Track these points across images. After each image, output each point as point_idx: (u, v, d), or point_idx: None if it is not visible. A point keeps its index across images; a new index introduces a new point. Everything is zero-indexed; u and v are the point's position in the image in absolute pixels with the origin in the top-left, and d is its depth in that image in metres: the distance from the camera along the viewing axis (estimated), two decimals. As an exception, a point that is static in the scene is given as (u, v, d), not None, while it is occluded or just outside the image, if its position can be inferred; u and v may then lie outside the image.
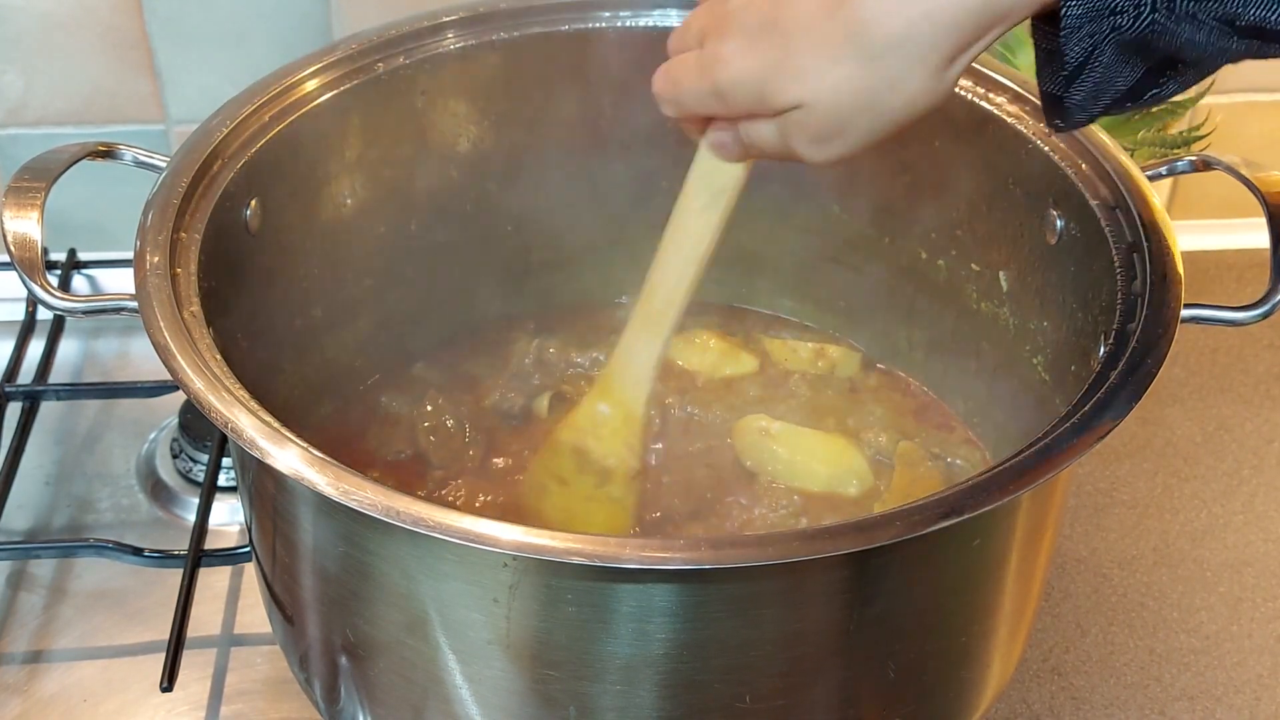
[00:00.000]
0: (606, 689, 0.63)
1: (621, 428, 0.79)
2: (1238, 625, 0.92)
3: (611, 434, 0.79)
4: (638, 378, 0.78)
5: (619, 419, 0.79)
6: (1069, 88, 0.59)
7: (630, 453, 0.79)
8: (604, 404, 0.79)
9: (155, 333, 0.65)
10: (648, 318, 0.76)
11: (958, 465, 0.89)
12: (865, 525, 0.59)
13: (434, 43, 0.87)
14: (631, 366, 0.78)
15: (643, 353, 0.77)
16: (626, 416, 0.78)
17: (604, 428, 0.79)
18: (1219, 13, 0.54)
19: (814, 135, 0.63)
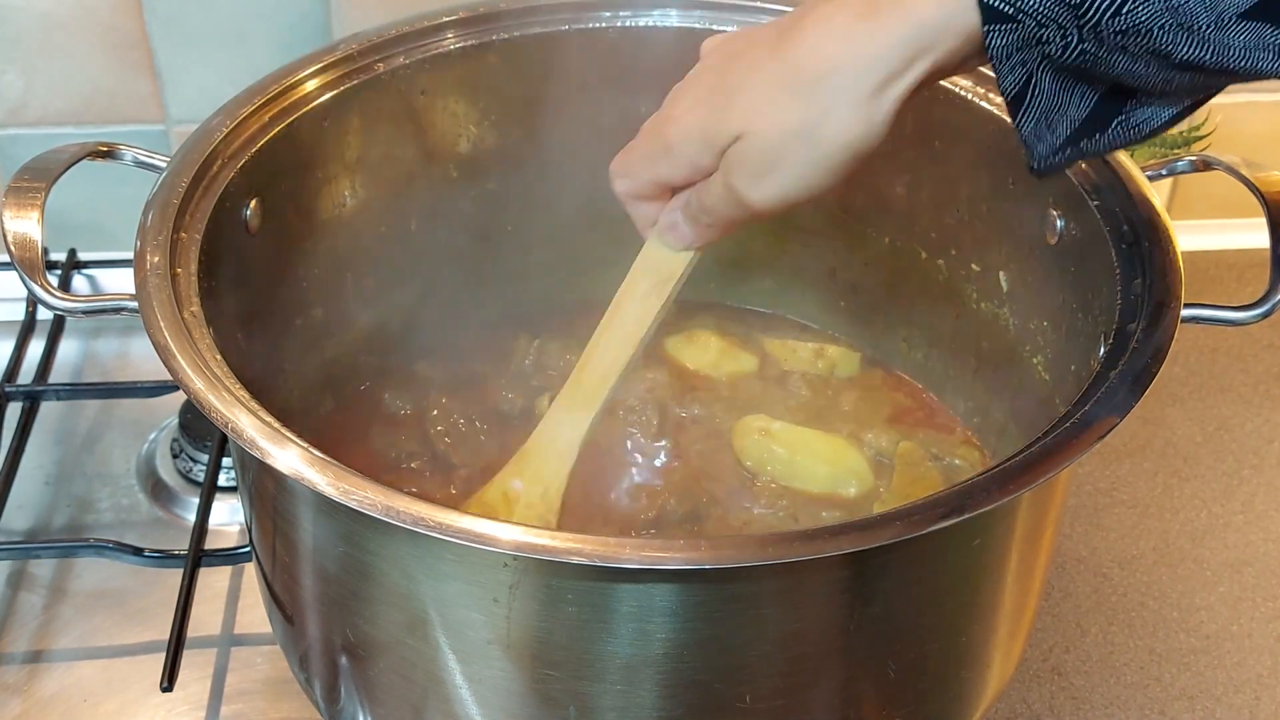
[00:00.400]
0: (607, 689, 0.63)
1: (537, 502, 0.76)
2: (1238, 625, 0.92)
3: (526, 509, 0.76)
4: (561, 455, 0.76)
5: (536, 494, 0.76)
6: (1016, 118, 0.60)
7: (552, 515, 0.77)
8: (520, 480, 0.77)
9: (155, 333, 0.65)
10: (577, 395, 0.76)
11: (957, 465, 0.89)
12: (865, 525, 0.59)
13: (434, 43, 0.87)
14: (556, 443, 0.76)
15: (568, 430, 0.76)
16: (544, 492, 0.76)
17: (518, 503, 0.77)
18: (1148, 46, 0.54)
19: (754, 167, 0.65)
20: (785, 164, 0.64)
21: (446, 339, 0.97)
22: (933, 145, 0.87)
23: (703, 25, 0.89)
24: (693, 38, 0.89)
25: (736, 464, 0.89)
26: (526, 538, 0.56)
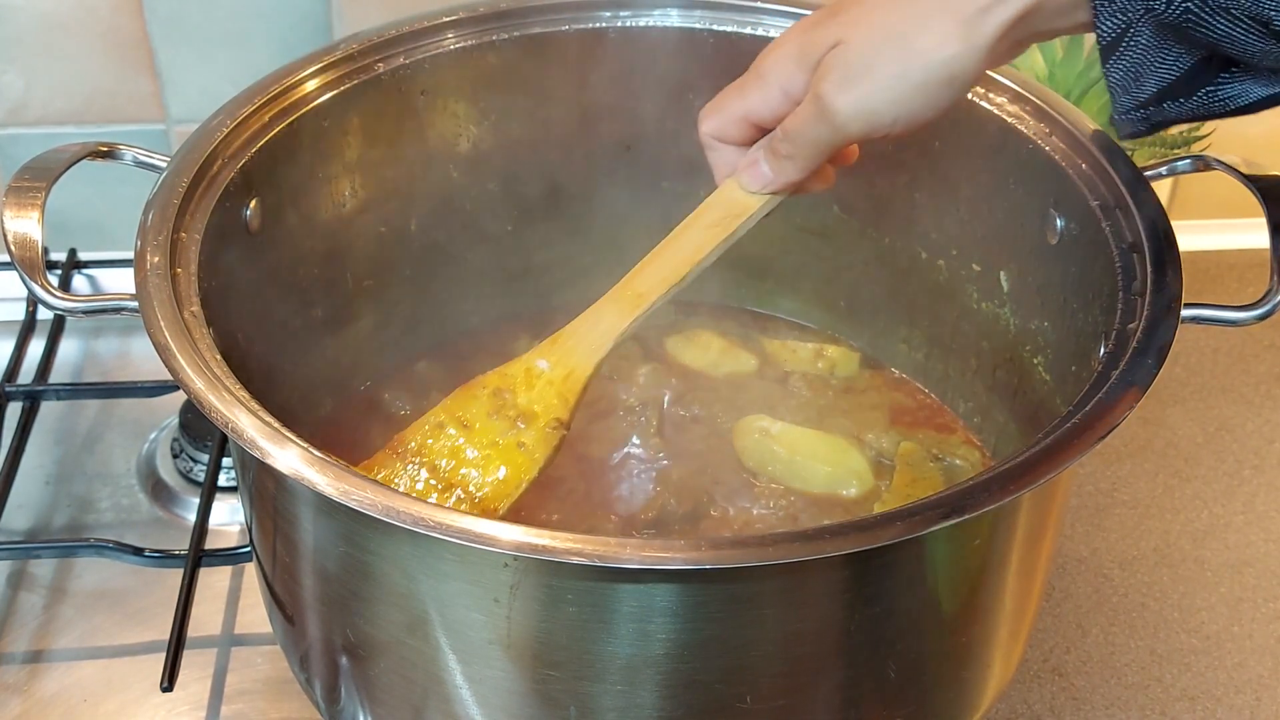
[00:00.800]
0: (607, 689, 0.63)
1: (559, 382, 0.76)
2: (1238, 626, 0.92)
3: (546, 385, 0.76)
4: (593, 345, 0.76)
5: (560, 375, 0.76)
6: (1106, 63, 0.59)
7: (562, 404, 0.76)
8: (546, 360, 0.77)
9: (155, 333, 0.65)
10: (621, 298, 0.76)
11: (958, 465, 0.89)
12: (865, 525, 0.58)
13: (434, 43, 0.87)
14: (591, 333, 0.76)
15: (606, 324, 0.76)
16: (569, 375, 0.76)
17: (539, 379, 0.77)
18: (1251, 10, 0.54)
19: (845, 70, 0.64)
20: (877, 70, 0.63)
21: (446, 339, 0.97)
22: (933, 145, 0.87)
23: (703, 25, 0.90)
24: (693, 38, 0.90)
25: (736, 464, 0.89)
26: (527, 538, 0.56)
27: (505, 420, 0.76)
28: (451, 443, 0.76)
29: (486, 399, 0.77)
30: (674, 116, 0.92)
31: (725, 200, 0.74)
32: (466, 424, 0.76)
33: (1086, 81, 1.05)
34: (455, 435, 0.76)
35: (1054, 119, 0.80)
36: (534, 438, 0.75)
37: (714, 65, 0.90)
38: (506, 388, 0.77)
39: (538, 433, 0.75)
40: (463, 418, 0.76)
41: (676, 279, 0.75)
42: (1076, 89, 1.06)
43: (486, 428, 0.76)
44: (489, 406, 0.76)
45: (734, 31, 0.89)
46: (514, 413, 0.76)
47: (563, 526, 0.80)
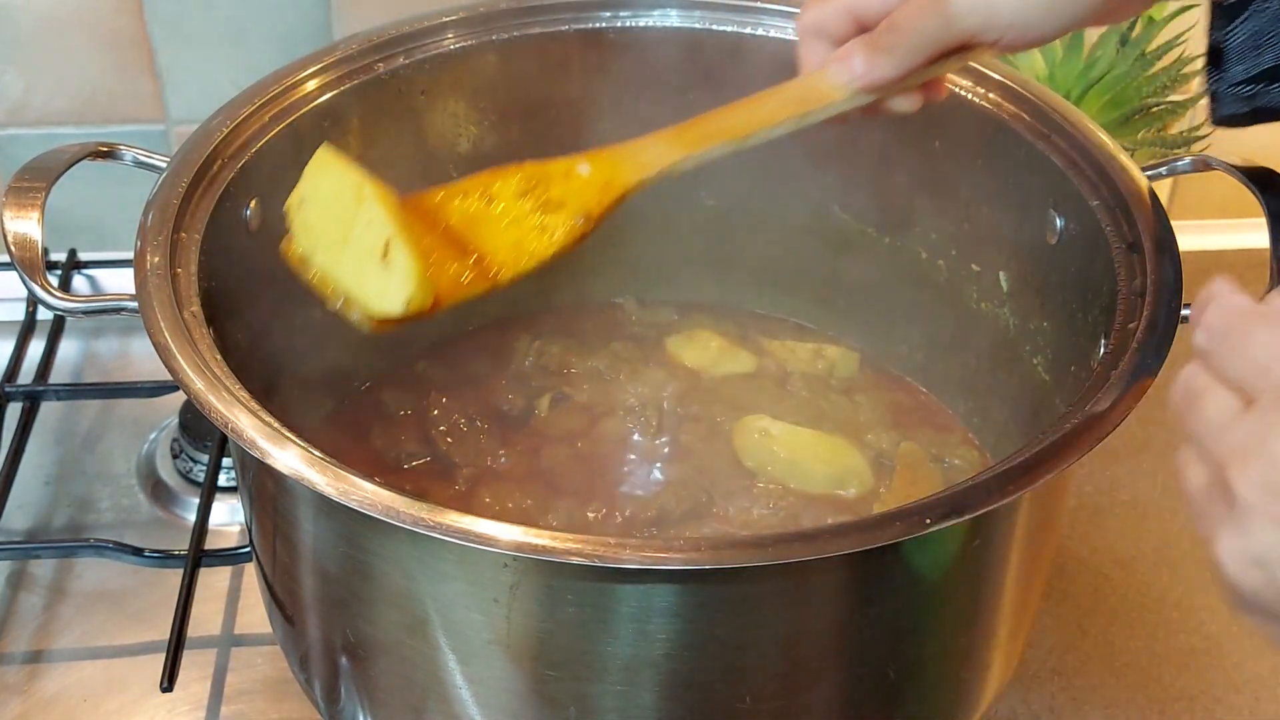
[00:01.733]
0: (607, 689, 0.63)
1: (596, 186, 0.73)
2: (1238, 625, 0.92)
3: (583, 185, 0.74)
4: (639, 164, 0.74)
5: (598, 180, 0.74)
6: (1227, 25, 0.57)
7: (596, 205, 0.73)
8: (588, 166, 0.74)
9: (155, 333, 0.65)
10: (680, 135, 0.74)
11: (957, 466, 0.89)
12: (865, 525, 0.59)
13: (434, 43, 0.87)
14: (640, 155, 0.74)
15: (657, 152, 0.74)
16: (607, 183, 0.73)
17: (576, 179, 0.74)
18: None
19: None
20: None
21: (446, 339, 0.97)
22: (933, 145, 0.87)
23: (703, 25, 0.90)
24: (693, 38, 0.90)
25: (736, 464, 0.89)
26: (526, 538, 0.56)
27: (532, 201, 0.74)
28: (471, 208, 0.73)
29: (518, 180, 0.74)
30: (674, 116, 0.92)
31: (806, 86, 0.72)
32: (491, 197, 0.74)
33: (1086, 81, 1.05)
34: (477, 202, 0.74)
35: (1054, 119, 0.80)
36: (556, 223, 0.73)
37: (714, 65, 0.90)
38: (541, 177, 0.75)
39: (561, 219, 0.73)
40: (490, 191, 0.74)
41: (739, 135, 0.72)
42: (1076, 89, 1.06)
43: (510, 205, 0.74)
44: (519, 188, 0.74)
45: (734, 31, 0.89)
46: (543, 198, 0.74)
47: (562, 527, 0.80)
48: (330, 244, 0.70)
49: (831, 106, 0.71)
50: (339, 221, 0.69)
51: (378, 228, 0.68)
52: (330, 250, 0.70)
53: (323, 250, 0.70)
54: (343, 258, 0.69)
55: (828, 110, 0.71)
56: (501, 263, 0.71)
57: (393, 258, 0.68)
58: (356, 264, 0.69)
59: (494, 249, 0.72)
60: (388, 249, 0.68)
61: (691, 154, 0.73)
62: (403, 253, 0.67)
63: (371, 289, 0.68)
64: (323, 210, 0.70)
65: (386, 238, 0.68)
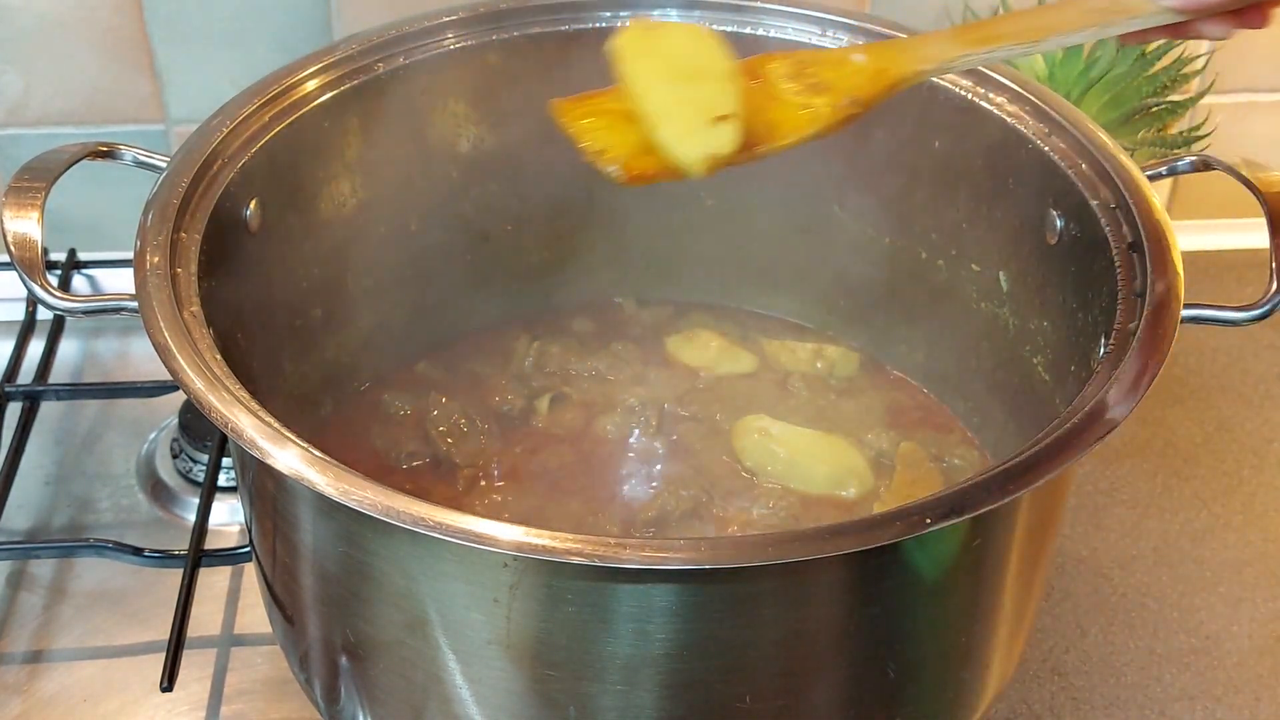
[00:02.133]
0: (607, 689, 0.63)
1: (870, 72, 0.71)
2: (1238, 625, 0.92)
3: (855, 70, 0.72)
4: (919, 56, 0.72)
5: (872, 69, 0.72)
6: None
7: (867, 89, 0.71)
8: (864, 55, 0.73)
9: (155, 333, 0.65)
10: (967, 33, 0.72)
11: (957, 465, 0.89)
12: (865, 525, 0.59)
13: (434, 43, 0.87)
14: (921, 47, 0.72)
15: (940, 46, 0.72)
16: (882, 70, 0.71)
17: (850, 65, 0.72)
18: None
19: None
20: None
21: (446, 339, 0.97)
22: (932, 145, 0.87)
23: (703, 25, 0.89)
24: (693, 38, 0.89)
25: (736, 464, 0.89)
26: (526, 538, 0.56)
27: (800, 83, 0.72)
28: (745, 87, 0.72)
29: (788, 63, 0.73)
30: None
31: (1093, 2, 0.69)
32: (756, 74, 0.73)
33: (1086, 81, 1.05)
34: (745, 83, 0.72)
35: (1054, 119, 0.80)
36: (823, 102, 0.71)
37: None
38: (812, 61, 0.73)
39: (829, 99, 0.71)
40: (755, 69, 0.73)
41: (1032, 38, 0.70)
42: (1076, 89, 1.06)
43: (775, 85, 0.72)
44: (788, 70, 0.73)
45: (734, 31, 0.89)
46: (813, 80, 0.72)
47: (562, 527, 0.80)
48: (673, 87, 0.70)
49: (1137, 19, 0.67)
50: (687, 72, 0.70)
51: (728, 101, 0.69)
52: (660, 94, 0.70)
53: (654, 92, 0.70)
54: (679, 102, 0.70)
55: (1131, 23, 0.68)
56: (760, 136, 0.70)
57: (722, 129, 0.69)
58: (690, 111, 0.69)
59: (756, 123, 0.70)
60: (723, 120, 0.69)
61: (975, 51, 0.71)
62: (733, 132, 0.69)
63: (680, 137, 0.69)
64: (679, 60, 0.71)
65: (732, 112, 0.69)
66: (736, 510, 0.86)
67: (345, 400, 0.93)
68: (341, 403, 0.92)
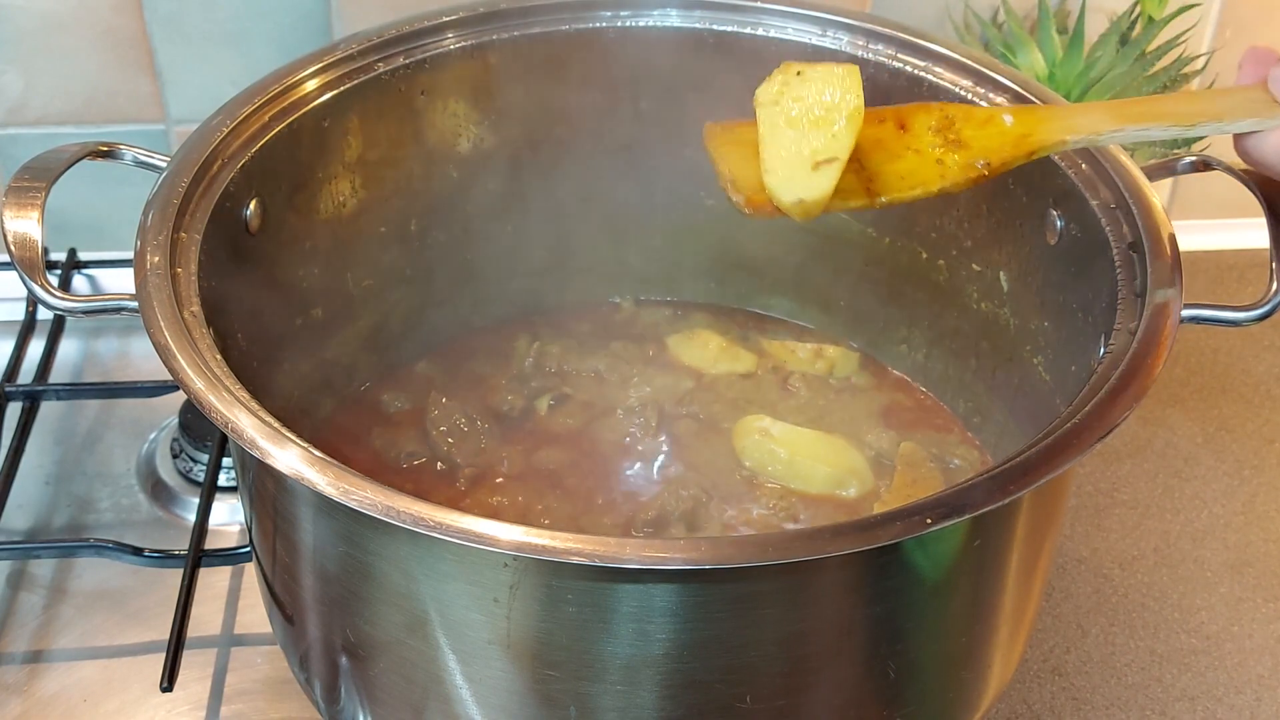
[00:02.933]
0: (607, 689, 0.63)
1: (1011, 135, 0.72)
2: (1238, 626, 0.92)
3: (997, 132, 0.73)
4: (1068, 125, 0.72)
5: (1016, 132, 0.73)
6: None
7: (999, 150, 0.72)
8: (1013, 117, 0.74)
9: (155, 333, 0.65)
10: (1117, 110, 0.73)
11: (957, 465, 0.89)
12: (865, 525, 0.58)
13: (434, 43, 0.87)
14: (1071, 117, 0.73)
15: (1091, 118, 0.73)
16: (1025, 135, 0.72)
17: (994, 126, 0.73)
18: None
19: None
20: None
21: (446, 339, 0.97)
22: (933, 145, 0.87)
23: (703, 25, 0.90)
24: (693, 38, 0.90)
25: (736, 464, 0.89)
26: (526, 538, 0.56)
27: (940, 138, 0.74)
28: (884, 133, 0.74)
29: (937, 116, 0.75)
30: (674, 116, 0.92)
31: (1255, 95, 0.70)
32: (905, 126, 0.75)
33: (1086, 81, 1.05)
34: (891, 129, 0.74)
35: (1054, 119, 0.80)
36: (955, 161, 0.73)
37: (714, 65, 0.90)
38: (960, 117, 0.75)
39: (961, 158, 0.73)
40: (906, 120, 0.75)
41: (1186, 120, 0.71)
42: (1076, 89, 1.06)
43: (919, 136, 0.74)
44: (935, 122, 0.75)
45: (734, 31, 0.89)
46: (952, 136, 0.74)
47: (563, 527, 0.81)
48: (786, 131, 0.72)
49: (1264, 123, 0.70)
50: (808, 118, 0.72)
51: (834, 146, 0.71)
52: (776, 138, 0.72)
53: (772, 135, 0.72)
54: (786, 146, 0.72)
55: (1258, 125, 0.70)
56: (884, 187, 0.73)
57: (823, 173, 0.71)
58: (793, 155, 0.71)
59: (886, 172, 0.73)
60: (825, 164, 0.71)
61: (1129, 127, 0.72)
62: (832, 177, 0.71)
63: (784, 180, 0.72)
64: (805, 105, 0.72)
65: (834, 157, 0.71)
66: (736, 510, 0.86)
67: (345, 400, 0.93)
68: (341, 403, 0.92)
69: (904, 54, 0.86)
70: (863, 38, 0.87)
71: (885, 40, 0.86)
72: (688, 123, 0.87)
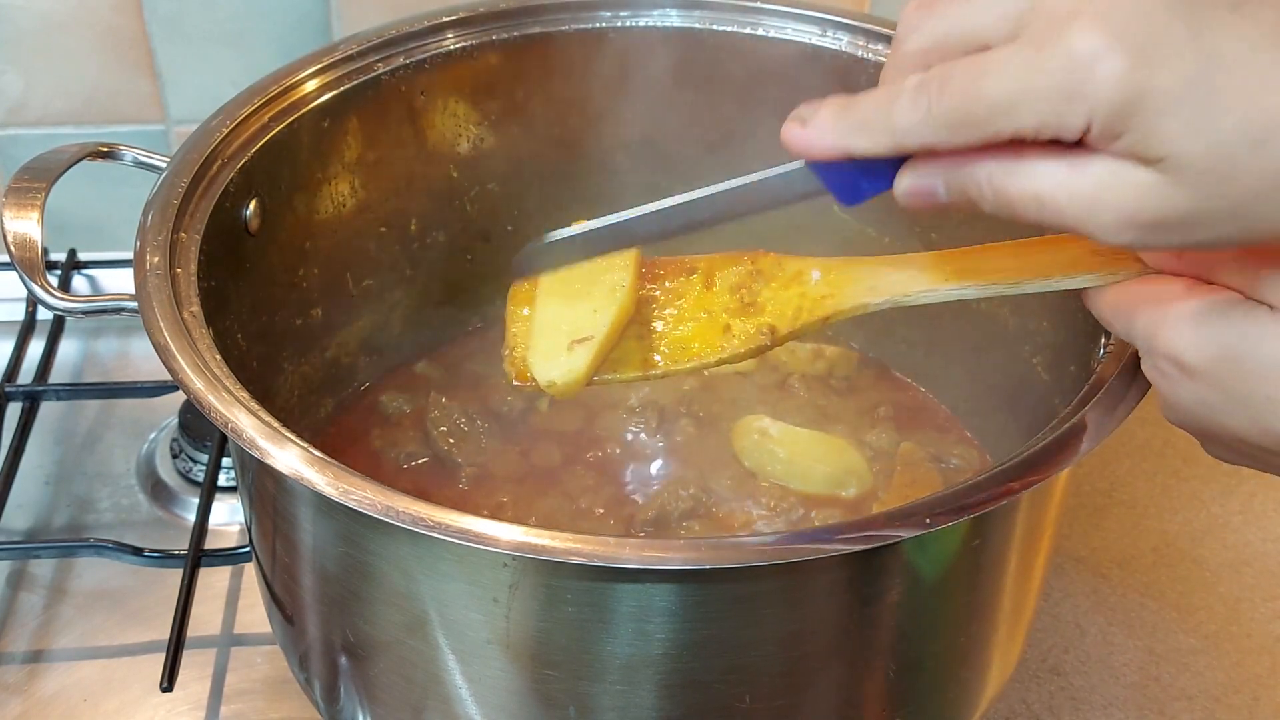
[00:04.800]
0: (606, 689, 0.63)
1: (810, 300, 0.67)
2: (1237, 625, 0.92)
3: (797, 294, 0.68)
4: (871, 288, 0.66)
5: (817, 294, 0.67)
6: None
7: (790, 319, 0.67)
8: (820, 272, 0.68)
9: (155, 333, 0.65)
10: (940, 264, 0.65)
11: (957, 465, 0.89)
12: (865, 525, 0.58)
13: (434, 43, 0.87)
14: (878, 277, 0.66)
15: (900, 277, 0.66)
16: (824, 298, 0.67)
17: (797, 285, 0.68)
18: None
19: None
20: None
21: (446, 339, 0.97)
22: (932, 145, 0.87)
23: (703, 25, 0.90)
24: (693, 38, 0.90)
25: (736, 464, 0.89)
26: (526, 538, 0.56)
27: (736, 299, 0.69)
28: (684, 289, 0.70)
29: (744, 272, 0.70)
30: (674, 116, 0.92)
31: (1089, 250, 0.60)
32: (710, 282, 0.70)
33: (1086, 82, 1.05)
34: (695, 283, 0.70)
35: (1053, 119, 0.80)
36: (742, 329, 0.68)
37: (714, 65, 0.90)
38: (767, 274, 0.69)
39: (749, 326, 0.68)
40: (715, 274, 0.70)
41: (1007, 281, 0.63)
42: (1076, 89, 1.05)
43: (717, 296, 0.69)
44: (740, 279, 0.70)
45: (734, 31, 0.89)
46: (749, 299, 0.69)
47: (562, 526, 0.81)
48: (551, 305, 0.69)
49: (1127, 274, 0.59)
50: (569, 294, 0.69)
51: (591, 324, 0.67)
52: (543, 312, 0.69)
53: (541, 309, 0.69)
54: (549, 321, 0.68)
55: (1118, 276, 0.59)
56: (671, 354, 0.68)
57: (577, 353, 0.66)
58: (553, 331, 0.67)
59: (670, 339, 0.69)
60: (580, 343, 0.67)
61: (943, 287, 0.65)
62: (586, 358, 0.66)
63: (541, 357, 0.67)
64: (574, 277, 0.69)
65: (589, 336, 0.67)
66: (736, 510, 0.86)
67: (345, 400, 0.93)
68: (341, 403, 0.92)
69: (903, 54, 0.86)
70: (863, 38, 0.87)
71: (885, 40, 0.86)
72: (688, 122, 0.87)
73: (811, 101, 0.55)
